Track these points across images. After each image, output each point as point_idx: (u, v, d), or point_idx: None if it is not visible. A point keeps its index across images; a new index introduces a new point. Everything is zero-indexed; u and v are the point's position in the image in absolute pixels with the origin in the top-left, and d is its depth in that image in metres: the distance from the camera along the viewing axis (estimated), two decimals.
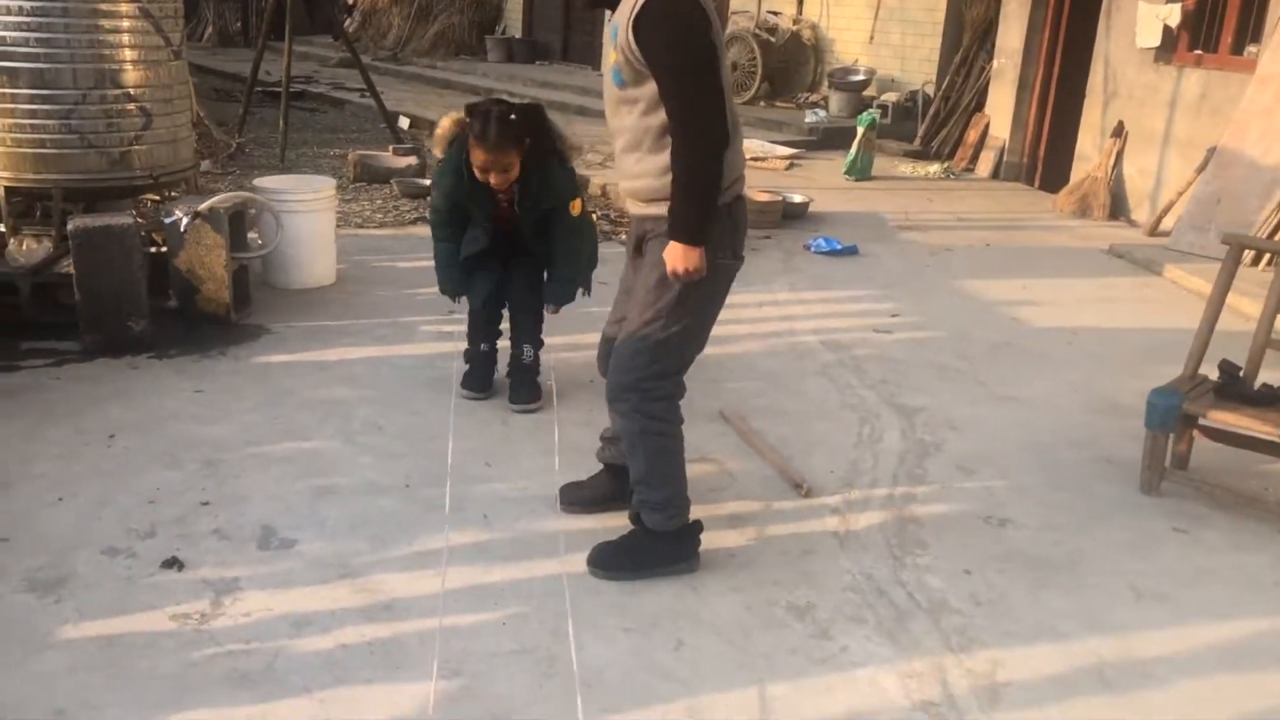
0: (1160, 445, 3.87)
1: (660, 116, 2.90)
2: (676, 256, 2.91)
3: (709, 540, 3.36)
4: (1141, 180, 8.68)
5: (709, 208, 2.91)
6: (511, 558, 3.26)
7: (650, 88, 2.88)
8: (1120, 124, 8.86)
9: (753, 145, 10.62)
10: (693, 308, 3.04)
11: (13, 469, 3.65)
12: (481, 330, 4.42)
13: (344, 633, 2.85)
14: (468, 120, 3.94)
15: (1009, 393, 4.86)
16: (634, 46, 2.84)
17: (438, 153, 4.21)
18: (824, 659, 2.86)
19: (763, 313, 5.83)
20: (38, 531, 3.28)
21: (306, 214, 5.59)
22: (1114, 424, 4.54)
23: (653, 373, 3.08)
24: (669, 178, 2.90)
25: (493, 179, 3.92)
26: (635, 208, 3.13)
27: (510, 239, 4.27)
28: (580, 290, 4.43)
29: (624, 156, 3.07)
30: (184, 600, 2.96)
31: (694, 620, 3.00)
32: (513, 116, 3.87)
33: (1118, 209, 8.81)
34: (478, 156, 3.88)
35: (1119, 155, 8.85)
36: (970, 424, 4.47)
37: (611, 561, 3.21)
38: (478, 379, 4.44)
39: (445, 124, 4.17)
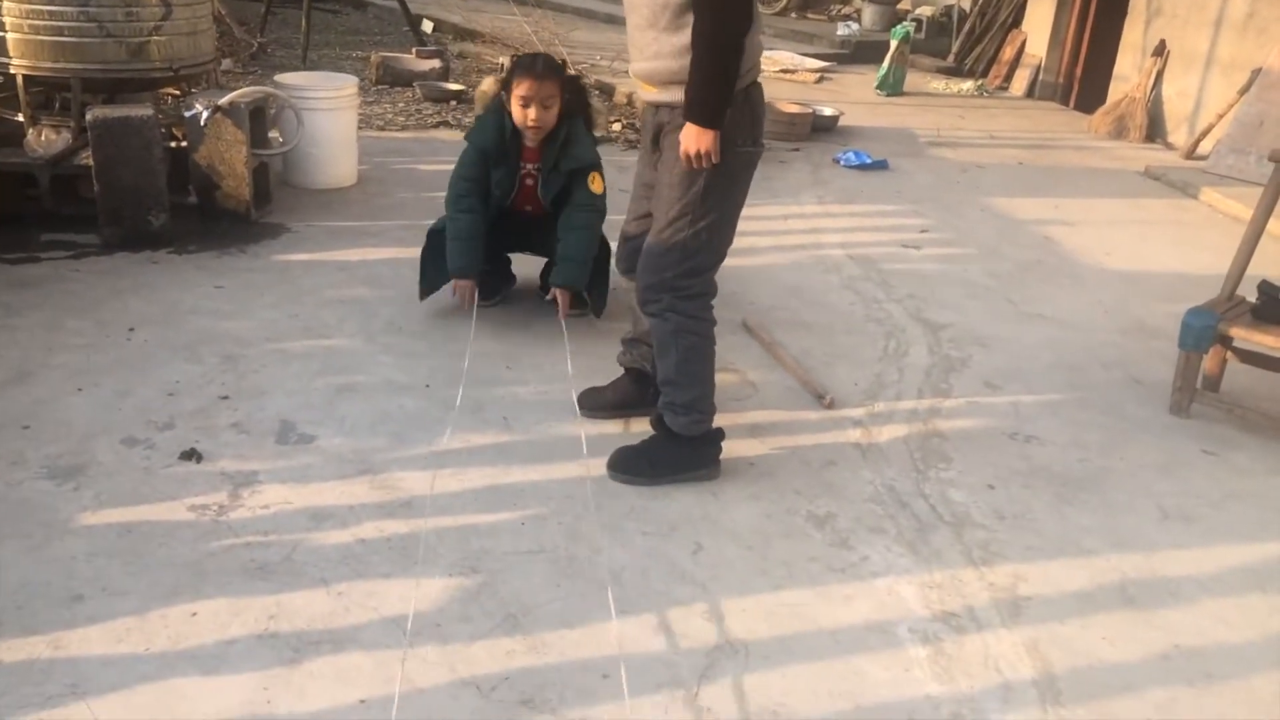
0: (1193, 366, 3.80)
1: None
2: (691, 139, 2.82)
3: (730, 448, 3.33)
4: (1180, 102, 8.45)
5: (727, 90, 2.80)
6: (531, 460, 3.23)
7: None
8: (1162, 43, 8.60)
9: (782, 57, 10.40)
10: (718, 199, 2.95)
11: (34, 358, 3.63)
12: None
13: (362, 528, 2.84)
14: (512, 66, 3.92)
15: (1038, 311, 4.77)
16: None
17: (479, 109, 4.15)
18: (843, 568, 2.84)
19: (789, 225, 5.73)
20: (58, 420, 3.27)
21: (328, 111, 5.49)
22: (1144, 345, 4.46)
23: (685, 270, 3.01)
24: (688, 59, 2.79)
25: (532, 113, 3.82)
26: (650, 93, 3.02)
27: (522, 231, 4.18)
28: (590, 299, 4.20)
29: (639, 34, 2.94)
30: (202, 491, 2.95)
31: (713, 525, 2.97)
32: (559, 62, 3.90)
33: (1155, 131, 8.60)
34: (522, 85, 3.81)
35: (1159, 76, 8.60)
36: (998, 341, 4.39)
37: (631, 465, 3.18)
38: (486, 287, 4.32)
39: (487, 83, 4.18)
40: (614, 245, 3.59)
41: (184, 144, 4.93)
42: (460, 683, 2.33)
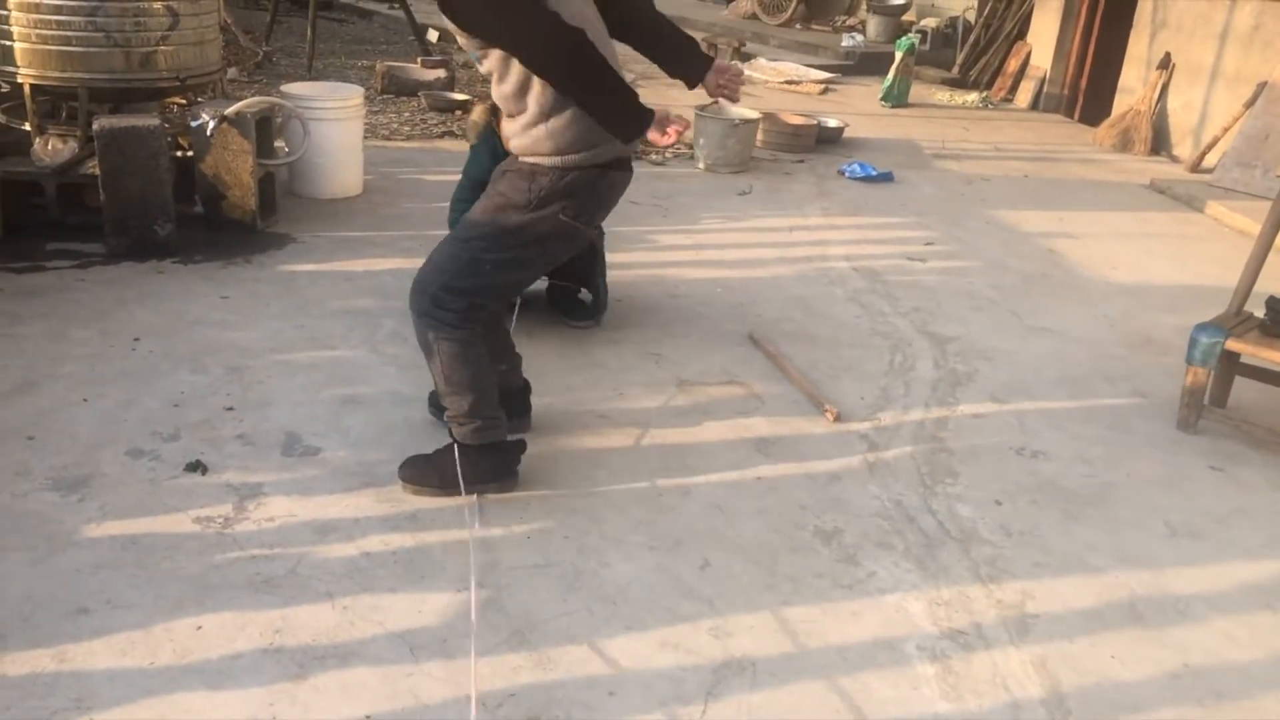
0: (1200, 381, 3.79)
1: (509, 81, 2.78)
2: (651, 138, 2.74)
3: (737, 462, 3.33)
4: (1186, 115, 8.45)
5: (618, 95, 2.71)
6: (534, 472, 3.21)
7: (490, 55, 2.77)
8: (1167, 55, 8.60)
9: (786, 69, 10.42)
10: (516, 242, 2.89)
11: (39, 368, 3.63)
12: None
13: (368, 541, 2.83)
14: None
15: (1043, 324, 4.76)
16: (454, 29, 2.77)
17: (472, 139, 4.16)
18: (851, 584, 2.83)
19: (794, 237, 5.73)
20: (62, 431, 3.27)
21: (334, 121, 5.49)
22: (1150, 359, 4.45)
23: (448, 285, 2.92)
24: (531, 132, 2.81)
25: None
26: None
27: None
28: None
29: (504, 126, 2.97)
30: (207, 503, 2.95)
31: (719, 541, 2.96)
32: None
33: (1160, 144, 8.60)
34: None
35: (1164, 88, 8.60)
36: (1003, 354, 4.39)
37: (420, 476, 3.08)
38: None
39: (477, 112, 4.16)
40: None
41: (190, 153, 4.93)
42: (466, 699, 2.32)
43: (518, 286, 3.14)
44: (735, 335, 4.36)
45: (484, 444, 3.06)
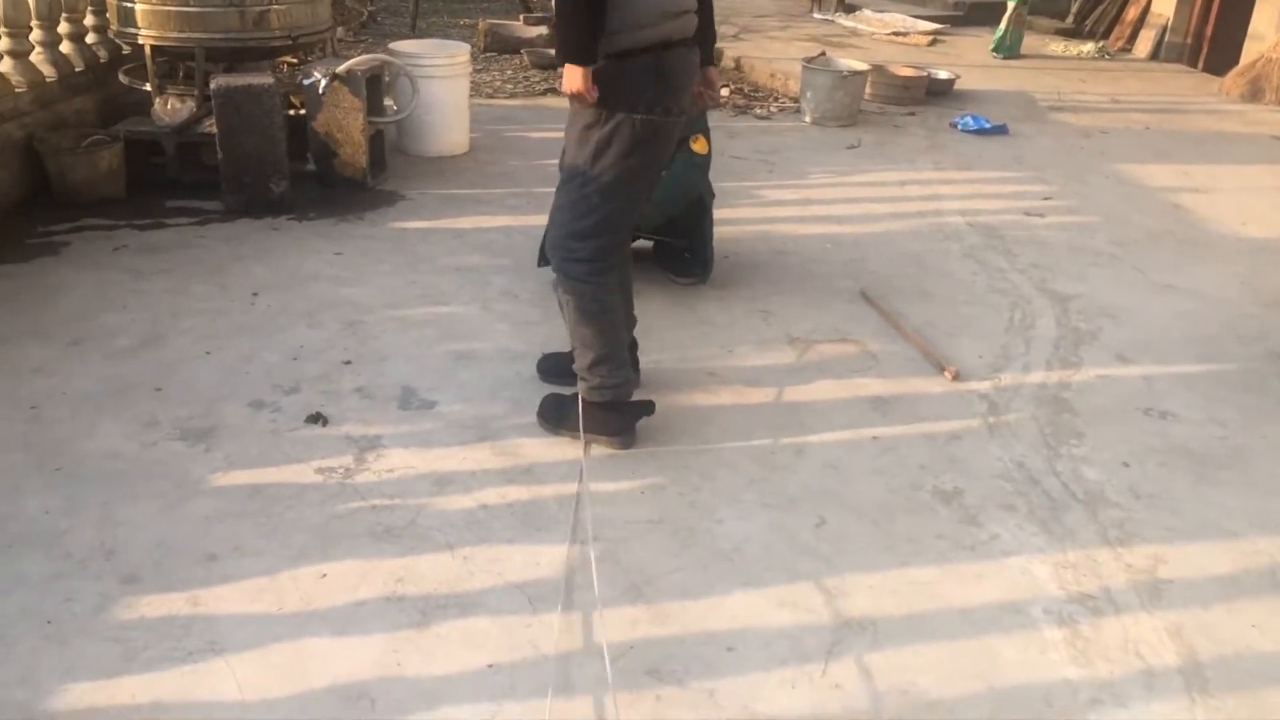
0: None
1: None
2: (565, 78, 2.81)
3: (851, 420, 3.27)
4: None
5: (581, 27, 2.76)
6: (645, 429, 3.18)
7: None
8: None
9: (893, 20, 10.16)
10: (609, 164, 2.87)
11: (163, 322, 3.73)
12: None
13: (485, 493, 2.85)
14: None
15: (1170, 282, 4.57)
16: None
17: None
18: (973, 545, 2.75)
19: (906, 191, 5.59)
20: (187, 383, 3.35)
21: (442, 79, 5.51)
22: None
23: (570, 231, 2.96)
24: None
25: None
26: None
27: None
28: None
29: None
30: (328, 455, 2.99)
31: (835, 500, 2.91)
32: None
33: None
34: None
35: None
36: (1128, 313, 4.22)
37: (546, 410, 3.19)
38: None
39: None
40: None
41: (303, 112, 5.00)
42: (583, 651, 2.32)
43: (631, 210, 3.07)
44: (847, 292, 4.27)
45: (605, 402, 3.06)
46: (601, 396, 3.06)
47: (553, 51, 8.03)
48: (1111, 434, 3.32)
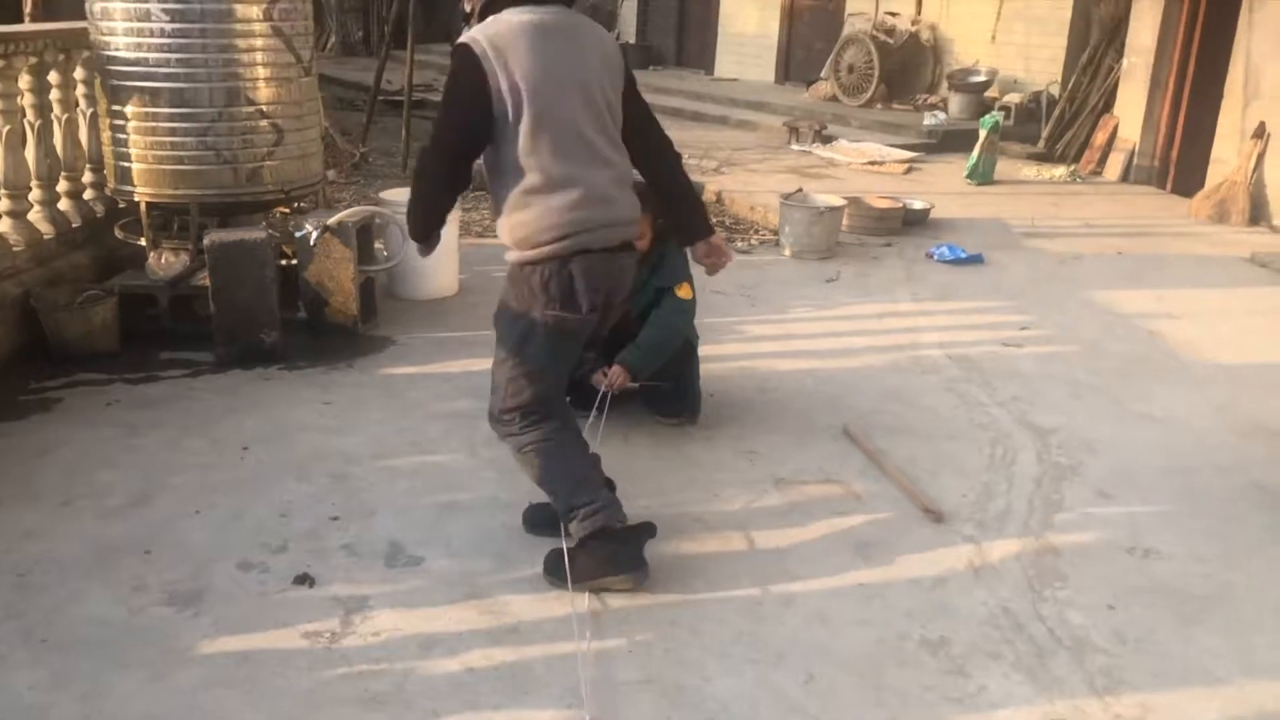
0: None
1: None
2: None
3: (838, 567, 3.29)
4: None
5: (422, 215, 3.22)
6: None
7: None
8: (1261, 125, 8.44)
9: (870, 149, 10.46)
10: (527, 346, 3.08)
11: (154, 479, 3.76)
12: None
13: (471, 655, 2.85)
14: None
15: (1147, 411, 4.65)
16: None
17: None
18: (961, 698, 2.76)
19: (885, 324, 5.70)
20: (177, 543, 3.37)
21: None
22: (1263, 447, 4.31)
23: (505, 406, 3.15)
24: (499, 224, 3.08)
25: None
26: None
27: (613, 346, 4.19)
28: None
29: None
30: (315, 618, 3.00)
31: (823, 653, 2.92)
32: (650, 192, 3.97)
33: (1258, 214, 8.40)
34: None
35: (1260, 158, 8.43)
36: (1108, 445, 4.28)
37: (554, 567, 3.17)
38: (584, 402, 4.37)
39: None
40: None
41: (293, 261, 5.12)
42: None
43: (558, 374, 3.21)
44: (830, 429, 4.33)
45: (593, 533, 3.10)
46: (593, 525, 3.11)
47: None
48: (1095, 574, 3.35)
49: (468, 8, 3.13)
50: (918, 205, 7.93)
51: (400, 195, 5.83)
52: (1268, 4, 8.38)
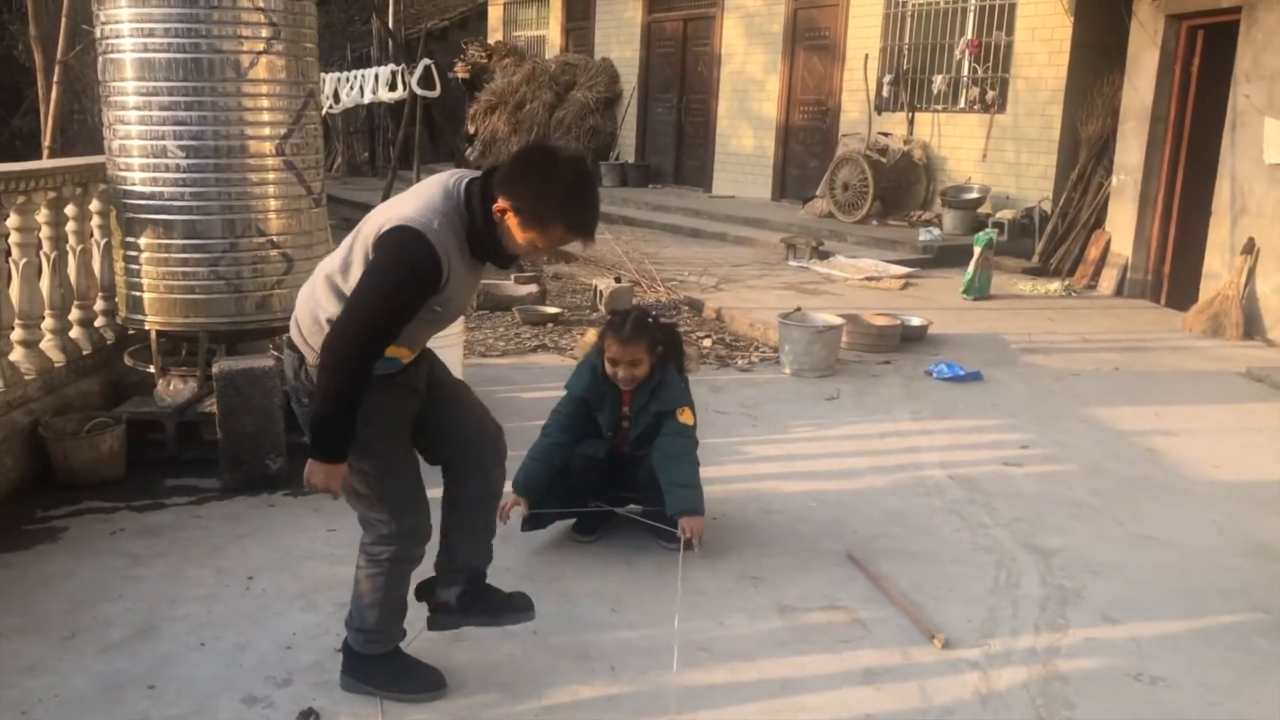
0: None
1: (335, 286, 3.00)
2: (308, 468, 2.99)
3: (845, 696, 3.28)
4: (1276, 299, 8.39)
5: (332, 419, 2.93)
6: (640, 713, 3.19)
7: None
8: (1250, 240, 8.61)
9: (866, 265, 10.64)
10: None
11: (159, 611, 3.76)
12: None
13: None
14: (605, 325, 4.25)
15: (1149, 532, 4.66)
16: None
17: (578, 355, 4.48)
18: None
19: (886, 444, 5.75)
20: (181, 677, 3.36)
21: (437, 350, 5.72)
22: (1265, 569, 4.31)
23: (365, 519, 3.26)
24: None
25: (620, 372, 4.12)
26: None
27: (618, 469, 4.32)
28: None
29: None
30: None
31: None
32: (649, 320, 4.19)
33: (1252, 328, 8.51)
34: (611, 348, 4.12)
35: (1250, 273, 8.58)
36: (1111, 568, 4.29)
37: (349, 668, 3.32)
38: (588, 522, 4.43)
39: (591, 333, 4.58)
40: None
41: None
42: None
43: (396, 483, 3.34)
44: (834, 554, 4.34)
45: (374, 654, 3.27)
46: (374, 650, 3.28)
47: (543, 308, 8.39)
48: (1103, 703, 3.33)
49: (472, 129, 3.27)
50: (915, 322, 8.05)
51: None
52: (1249, 126, 8.62)
